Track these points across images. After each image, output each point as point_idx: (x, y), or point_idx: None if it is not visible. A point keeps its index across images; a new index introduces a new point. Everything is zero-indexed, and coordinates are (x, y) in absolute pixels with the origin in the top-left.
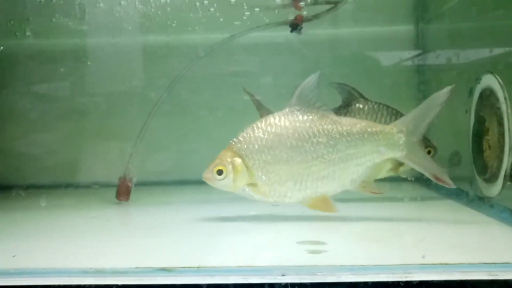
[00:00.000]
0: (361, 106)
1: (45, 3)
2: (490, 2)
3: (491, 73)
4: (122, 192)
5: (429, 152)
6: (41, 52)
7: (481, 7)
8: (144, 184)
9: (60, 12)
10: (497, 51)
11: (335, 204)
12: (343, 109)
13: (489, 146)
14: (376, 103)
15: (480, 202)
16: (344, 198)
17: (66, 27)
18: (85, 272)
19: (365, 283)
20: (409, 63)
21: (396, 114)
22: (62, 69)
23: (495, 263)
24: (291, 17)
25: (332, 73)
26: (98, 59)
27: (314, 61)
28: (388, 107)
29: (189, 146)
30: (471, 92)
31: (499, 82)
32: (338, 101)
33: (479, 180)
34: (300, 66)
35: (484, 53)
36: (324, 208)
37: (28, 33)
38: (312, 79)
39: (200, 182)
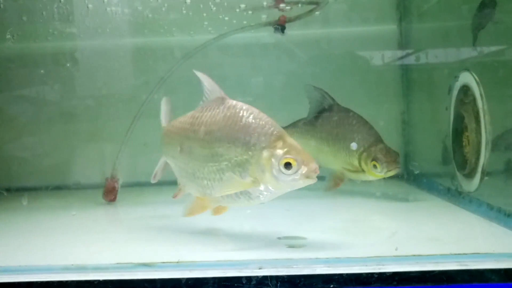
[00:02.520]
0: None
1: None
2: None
3: (468, 70)
4: (109, 192)
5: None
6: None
7: (460, 7)
8: (132, 185)
9: (46, 15)
10: (478, 49)
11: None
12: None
13: (469, 142)
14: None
15: (459, 196)
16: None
17: (52, 30)
18: (67, 269)
19: (340, 275)
20: (393, 61)
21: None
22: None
23: (466, 254)
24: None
25: (317, 72)
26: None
27: (301, 61)
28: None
29: None
30: (450, 90)
31: (475, 79)
32: None
33: (459, 176)
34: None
35: (466, 51)
36: None
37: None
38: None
39: None
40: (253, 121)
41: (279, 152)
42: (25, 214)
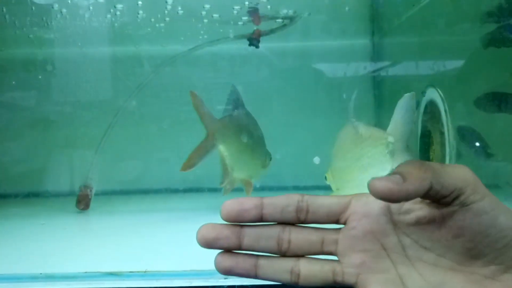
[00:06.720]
0: None
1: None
2: (440, 18)
3: (434, 86)
4: (82, 200)
5: None
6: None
7: (431, 23)
8: (108, 193)
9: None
10: (447, 64)
11: None
12: None
13: (435, 155)
14: None
15: None
16: None
17: (31, 36)
18: (35, 278)
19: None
20: (365, 75)
21: None
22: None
23: None
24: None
25: (289, 84)
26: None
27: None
28: None
29: (153, 155)
30: (418, 105)
31: (440, 96)
32: None
33: None
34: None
35: (436, 65)
36: None
37: None
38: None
39: (164, 191)
40: None
41: None
42: None
